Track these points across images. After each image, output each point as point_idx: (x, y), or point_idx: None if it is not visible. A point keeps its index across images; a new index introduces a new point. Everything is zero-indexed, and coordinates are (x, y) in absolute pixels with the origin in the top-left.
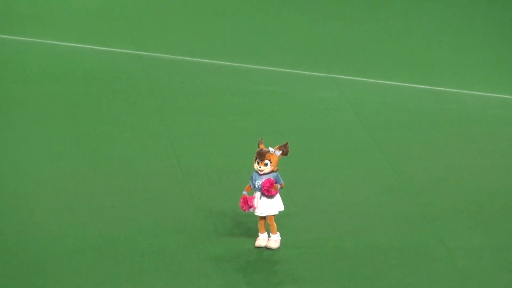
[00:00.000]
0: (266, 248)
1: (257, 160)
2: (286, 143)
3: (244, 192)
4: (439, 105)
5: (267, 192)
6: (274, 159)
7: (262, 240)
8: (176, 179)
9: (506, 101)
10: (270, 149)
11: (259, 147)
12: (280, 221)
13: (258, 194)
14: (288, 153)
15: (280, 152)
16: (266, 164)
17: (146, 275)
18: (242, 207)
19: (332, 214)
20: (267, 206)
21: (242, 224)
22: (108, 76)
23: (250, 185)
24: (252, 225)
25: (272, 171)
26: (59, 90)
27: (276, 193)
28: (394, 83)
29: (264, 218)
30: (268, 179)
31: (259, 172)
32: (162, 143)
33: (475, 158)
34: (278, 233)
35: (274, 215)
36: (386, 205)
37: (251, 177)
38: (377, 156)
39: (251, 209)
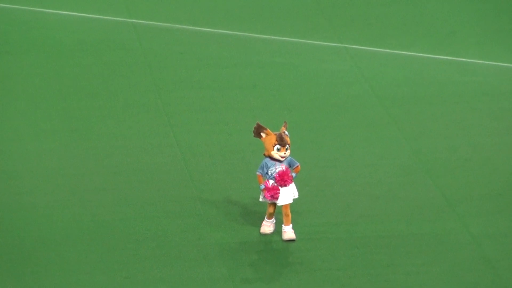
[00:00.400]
0: (286, 241)
1: (276, 146)
2: (285, 122)
3: (264, 185)
4: (462, 77)
5: (284, 184)
6: (289, 142)
7: (268, 226)
8: (174, 158)
9: None
10: (286, 132)
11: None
12: (290, 205)
13: (271, 182)
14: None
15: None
16: (287, 149)
17: (141, 263)
18: (274, 195)
19: (346, 197)
20: (283, 195)
21: (247, 208)
22: (99, 46)
23: (260, 174)
24: (257, 209)
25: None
26: (46, 61)
27: (292, 182)
28: (413, 53)
29: (274, 205)
30: (283, 171)
31: (281, 159)
32: (159, 119)
33: (502, 135)
34: (291, 225)
35: (289, 204)
36: (405, 187)
37: (262, 165)
38: (395, 134)
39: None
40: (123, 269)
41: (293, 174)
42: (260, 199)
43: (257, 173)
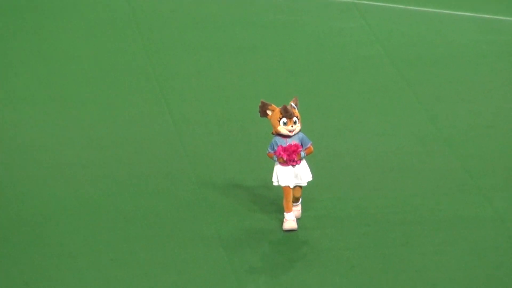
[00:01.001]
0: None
1: (282, 120)
2: (295, 98)
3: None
4: (484, 36)
5: (290, 160)
6: (299, 116)
7: (292, 221)
8: (166, 128)
9: None
10: (292, 104)
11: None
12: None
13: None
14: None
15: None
16: (295, 122)
17: (130, 244)
18: (289, 158)
19: (356, 169)
20: (297, 175)
21: (246, 182)
22: (82, 4)
23: (271, 153)
24: (258, 183)
25: (299, 131)
26: (23, 21)
27: (298, 162)
28: (429, 9)
29: (291, 191)
30: (292, 146)
31: (290, 134)
32: (149, 85)
33: None
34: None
35: (302, 187)
36: (421, 157)
37: (272, 144)
38: (410, 99)
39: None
40: (109, 251)
41: (303, 154)
42: (274, 183)
43: (268, 152)
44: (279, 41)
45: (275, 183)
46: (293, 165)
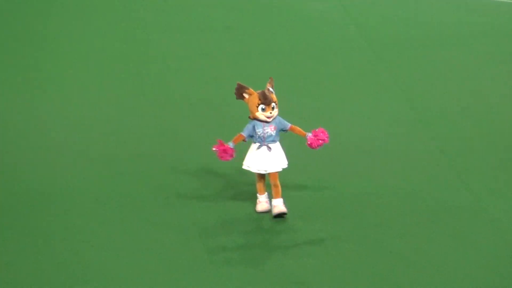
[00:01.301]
0: (278, 216)
1: (260, 106)
2: (271, 78)
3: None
4: (461, 17)
5: (322, 141)
6: (276, 100)
7: (265, 202)
8: (140, 109)
9: None
10: (270, 89)
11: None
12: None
13: (255, 146)
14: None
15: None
16: (273, 108)
17: (103, 226)
18: (222, 157)
19: (333, 151)
20: (271, 161)
21: (221, 162)
22: None
23: (242, 134)
24: (232, 164)
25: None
26: None
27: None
28: None
29: (264, 177)
30: (321, 131)
31: (267, 120)
32: (123, 66)
33: (505, 81)
34: (281, 198)
35: (277, 173)
36: (398, 139)
37: (249, 128)
38: (386, 81)
39: (231, 159)
40: (81, 233)
41: (309, 134)
42: (244, 167)
43: (241, 133)
44: (254, 23)
45: (245, 167)
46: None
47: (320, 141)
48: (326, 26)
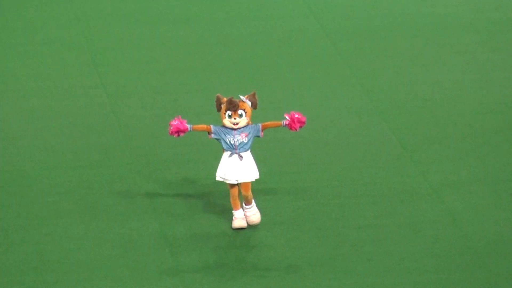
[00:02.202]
0: (247, 226)
1: (227, 112)
2: (254, 93)
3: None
4: (420, 8)
5: (299, 124)
6: (249, 109)
7: (241, 219)
8: (99, 101)
9: (503, 2)
10: (242, 97)
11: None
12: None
13: (226, 154)
14: (257, 106)
15: (249, 103)
16: (240, 115)
17: (63, 218)
18: (172, 131)
19: (290, 142)
20: (243, 171)
21: (181, 155)
22: None
23: (210, 126)
24: (193, 157)
25: (247, 124)
26: None
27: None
28: None
29: (237, 188)
30: (294, 114)
31: (233, 127)
32: (82, 57)
33: (464, 72)
34: (253, 202)
35: (250, 183)
36: (356, 131)
37: (217, 130)
38: (345, 72)
39: (180, 134)
40: (42, 225)
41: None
42: (217, 178)
43: (210, 125)
44: (213, 13)
45: (217, 178)
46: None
47: (299, 124)
48: (285, 16)
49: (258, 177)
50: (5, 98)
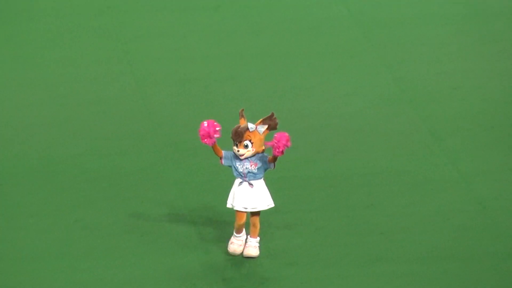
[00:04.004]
0: (243, 256)
1: (235, 141)
2: (272, 114)
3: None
4: None
5: (281, 149)
6: (258, 138)
7: (238, 245)
8: (129, 88)
9: None
10: (250, 125)
11: (242, 118)
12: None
13: (237, 181)
14: (277, 126)
15: (265, 127)
16: (246, 146)
17: (93, 205)
18: (204, 137)
19: (320, 130)
20: (254, 199)
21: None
22: None
23: (221, 154)
24: (221, 145)
25: (256, 153)
26: None
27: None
28: None
29: (245, 216)
30: (282, 135)
31: (239, 157)
32: (112, 44)
33: (496, 60)
34: (258, 238)
35: (259, 213)
36: (386, 119)
37: (228, 155)
38: (374, 60)
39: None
40: (72, 212)
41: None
42: (228, 205)
43: (222, 151)
44: (242, 1)
45: (228, 205)
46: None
47: (281, 147)
48: (315, 4)
49: (272, 205)
50: (36, 85)
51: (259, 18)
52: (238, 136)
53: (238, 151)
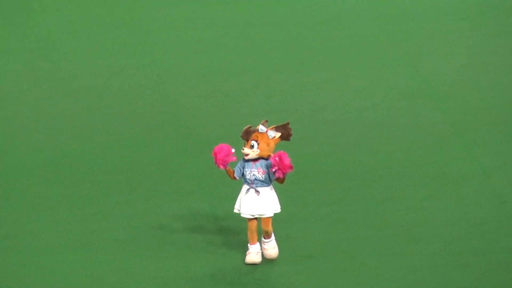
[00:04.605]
0: (264, 259)
1: (243, 139)
2: (287, 123)
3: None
4: None
5: (283, 170)
6: (265, 142)
7: (255, 254)
8: (149, 80)
9: None
10: (261, 127)
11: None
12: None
13: (244, 188)
14: (290, 138)
15: (278, 134)
16: (252, 146)
17: (111, 197)
18: (218, 162)
19: (338, 123)
20: (260, 205)
21: (229, 135)
22: None
23: (234, 172)
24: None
25: (261, 157)
26: None
27: (287, 172)
28: None
29: (255, 221)
30: (281, 155)
31: (245, 157)
32: (132, 37)
33: None
34: (273, 237)
35: (270, 218)
36: (405, 112)
37: (238, 165)
38: (395, 53)
39: (227, 165)
40: (90, 204)
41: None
42: (235, 210)
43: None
44: None
45: (236, 211)
46: (284, 171)
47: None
48: None
49: (278, 211)
50: (56, 77)
51: (279, 11)
52: (246, 134)
53: (243, 149)
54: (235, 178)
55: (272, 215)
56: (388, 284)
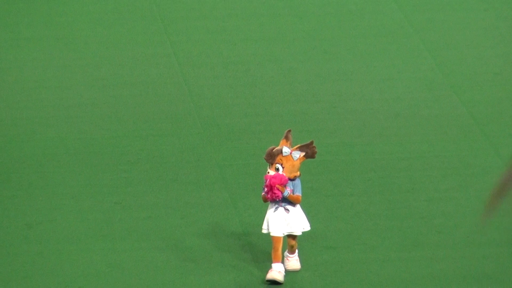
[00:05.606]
0: (285, 271)
1: (267, 162)
2: (311, 142)
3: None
4: None
5: (271, 191)
6: (290, 164)
7: (277, 272)
8: (171, 70)
9: None
10: (285, 149)
11: (285, 138)
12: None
13: (272, 207)
14: (315, 156)
15: (302, 154)
16: (277, 169)
17: (133, 187)
18: (270, 196)
19: (361, 114)
20: (290, 223)
21: (251, 126)
22: None
23: (263, 194)
24: (263, 127)
25: (288, 179)
26: None
27: (279, 197)
28: None
29: (281, 240)
30: (276, 176)
31: None
32: (154, 26)
33: None
34: (297, 252)
35: (296, 237)
36: (427, 103)
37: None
38: (417, 45)
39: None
40: (113, 193)
41: (286, 192)
42: (264, 231)
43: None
44: None
45: (264, 231)
46: (272, 197)
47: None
48: None
49: (307, 229)
50: (77, 66)
51: (302, 1)
52: (270, 158)
53: (268, 172)
54: (267, 200)
55: (300, 233)
56: (409, 275)
